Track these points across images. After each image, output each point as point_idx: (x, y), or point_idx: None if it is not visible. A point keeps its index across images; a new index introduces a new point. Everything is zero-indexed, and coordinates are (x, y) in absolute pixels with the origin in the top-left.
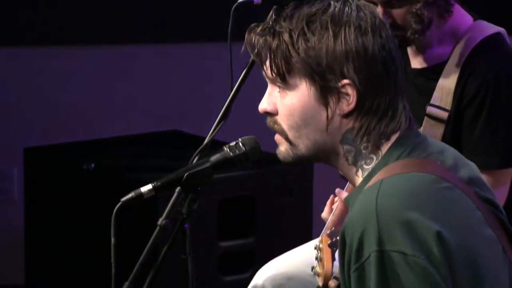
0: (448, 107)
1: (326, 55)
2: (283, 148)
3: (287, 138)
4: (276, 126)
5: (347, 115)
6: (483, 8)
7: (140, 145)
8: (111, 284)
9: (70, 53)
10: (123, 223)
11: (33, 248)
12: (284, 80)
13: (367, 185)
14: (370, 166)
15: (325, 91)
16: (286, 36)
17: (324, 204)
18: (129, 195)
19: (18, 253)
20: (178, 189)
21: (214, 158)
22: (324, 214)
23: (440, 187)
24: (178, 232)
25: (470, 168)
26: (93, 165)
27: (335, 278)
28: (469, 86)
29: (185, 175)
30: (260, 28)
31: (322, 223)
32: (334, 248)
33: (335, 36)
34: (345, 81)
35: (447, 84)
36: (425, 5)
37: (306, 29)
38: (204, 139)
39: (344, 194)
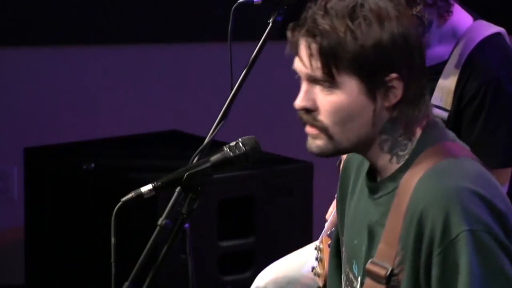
0: (448, 107)
1: (375, 50)
2: (320, 142)
3: (327, 134)
4: (316, 122)
5: (392, 107)
6: (483, 8)
7: (140, 145)
8: (111, 284)
9: (70, 53)
10: (123, 223)
11: (33, 248)
12: (332, 78)
13: (418, 167)
14: (406, 152)
15: (374, 86)
16: (334, 35)
17: (324, 204)
18: (129, 195)
19: (18, 253)
20: (178, 189)
21: (214, 158)
22: (328, 215)
23: (484, 169)
24: (178, 232)
25: None
26: (93, 165)
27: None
28: (469, 86)
29: (185, 175)
30: (303, 28)
31: (322, 223)
32: None
33: (381, 31)
34: (393, 75)
35: (447, 84)
36: (425, 7)
37: (351, 26)
38: (204, 139)
39: None
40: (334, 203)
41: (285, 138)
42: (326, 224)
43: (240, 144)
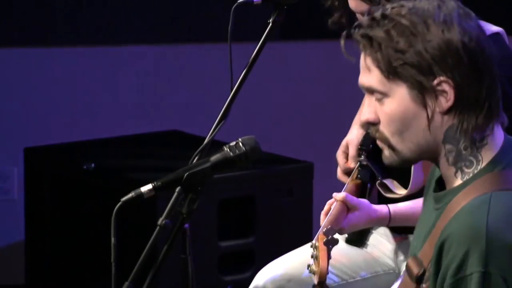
0: None
1: (421, 55)
2: (387, 153)
3: (389, 145)
4: (378, 134)
5: (447, 112)
6: (483, 8)
7: (140, 145)
8: (111, 284)
9: (70, 53)
10: (123, 223)
11: (33, 248)
12: (384, 86)
13: (469, 192)
14: (471, 169)
15: (423, 91)
16: (380, 46)
17: (324, 204)
18: (129, 195)
19: (18, 253)
20: (178, 189)
21: (214, 158)
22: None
23: None
24: (178, 232)
25: None
26: (93, 165)
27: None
28: None
29: (185, 175)
30: (358, 40)
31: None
32: (330, 246)
33: (426, 35)
34: (440, 78)
35: None
36: None
37: (394, 34)
38: (204, 139)
39: (341, 195)
40: (330, 201)
41: (285, 138)
42: (323, 222)
43: (240, 144)
